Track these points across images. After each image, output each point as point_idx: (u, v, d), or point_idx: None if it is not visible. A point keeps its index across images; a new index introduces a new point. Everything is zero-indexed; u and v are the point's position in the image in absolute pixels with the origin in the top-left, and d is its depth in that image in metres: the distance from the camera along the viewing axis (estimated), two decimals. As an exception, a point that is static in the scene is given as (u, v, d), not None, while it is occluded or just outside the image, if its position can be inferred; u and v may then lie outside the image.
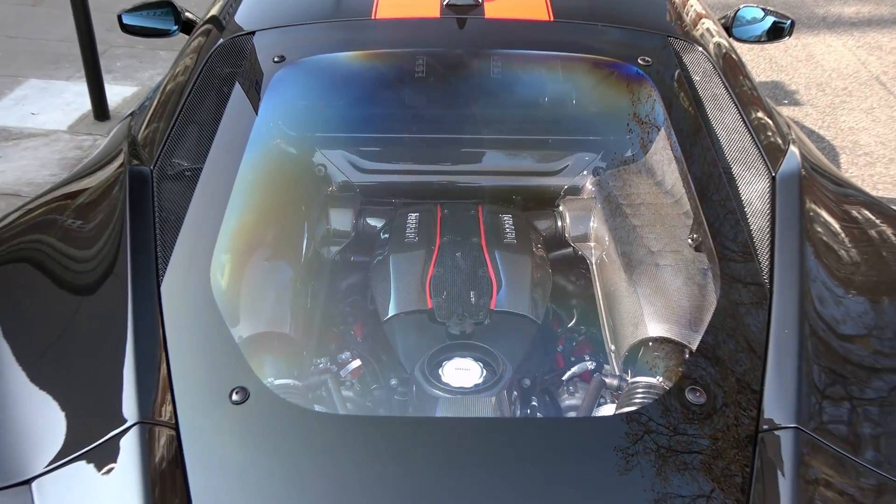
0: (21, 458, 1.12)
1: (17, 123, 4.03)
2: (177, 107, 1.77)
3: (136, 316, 1.27)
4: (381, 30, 1.94)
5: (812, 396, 1.18)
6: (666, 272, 1.59)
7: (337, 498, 1.06)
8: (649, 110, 1.91)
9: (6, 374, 1.23)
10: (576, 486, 1.09)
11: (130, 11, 2.73)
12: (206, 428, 1.15)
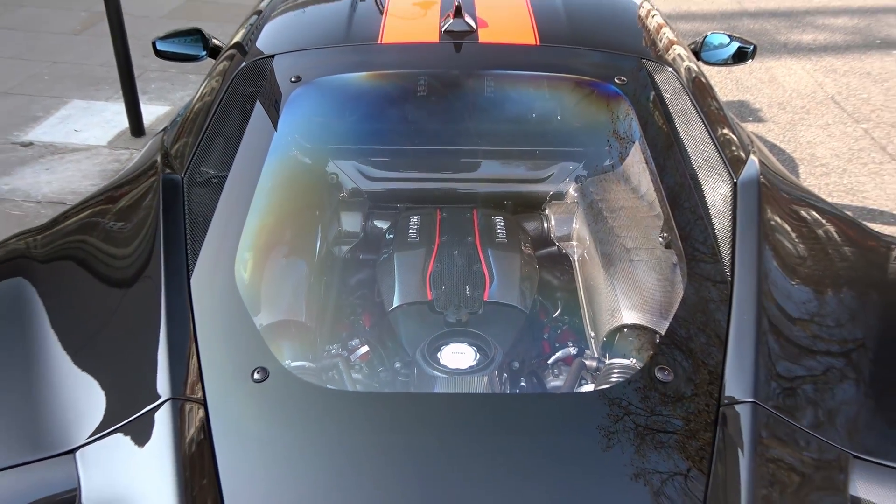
0: (66, 431, 1.13)
1: (62, 139, 4.02)
2: (205, 121, 1.76)
3: (168, 305, 1.28)
4: (387, 53, 1.92)
5: (768, 375, 1.19)
6: (639, 267, 1.59)
7: (347, 463, 1.07)
8: (625, 124, 1.90)
9: (54, 356, 1.24)
10: (556, 452, 1.09)
11: (163, 38, 2.73)
12: (231, 403, 1.16)
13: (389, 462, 1.08)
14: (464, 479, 1.05)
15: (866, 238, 1.61)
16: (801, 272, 1.43)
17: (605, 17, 2.09)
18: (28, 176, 3.66)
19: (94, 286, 1.41)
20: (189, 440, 1.09)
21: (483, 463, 1.08)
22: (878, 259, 1.51)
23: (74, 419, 1.14)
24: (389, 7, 2.09)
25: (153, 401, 1.13)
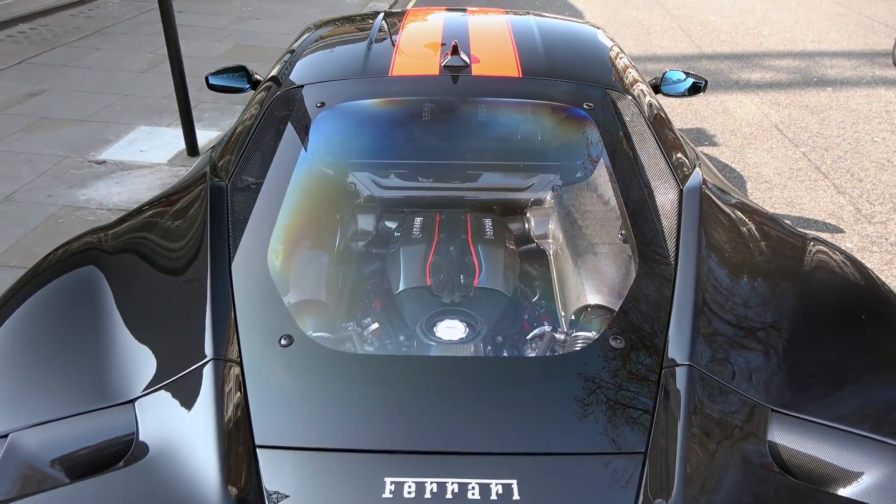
0: (127, 384, 1.16)
1: (130, 158, 4.07)
2: (246, 139, 1.79)
3: (213, 285, 1.32)
4: (396, 84, 1.94)
5: (702, 343, 1.21)
6: (601, 259, 1.62)
7: (357, 408, 1.11)
8: (592, 143, 1.93)
9: (119, 325, 1.27)
10: (526, 400, 1.12)
11: (215, 74, 2.78)
12: (261, 363, 1.19)
13: (393, 406, 1.11)
14: (452, 416, 1.09)
15: (786, 234, 1.63)
16: (733, 261, 1.45)
17: (575, 55, 2.11)
18: (101, 188, 3.71)
19: (152, 270, 1.44)
20: (227, 392, 1.12)
21: (468, 406, 1.11)
22: (794, 250, 1.54)
23: (134, 375, 1.17)
24: (398, 47, 2.13)
25: (199, 360, 1.17)
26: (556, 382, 1.15)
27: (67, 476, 1.05)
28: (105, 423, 1.10)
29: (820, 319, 1.31)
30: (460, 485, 1.00)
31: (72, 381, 1.16)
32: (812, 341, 1.26)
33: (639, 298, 1.33)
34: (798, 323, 1.29)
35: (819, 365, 1.21)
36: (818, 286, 1.40)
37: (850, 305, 1.35)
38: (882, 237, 3.51)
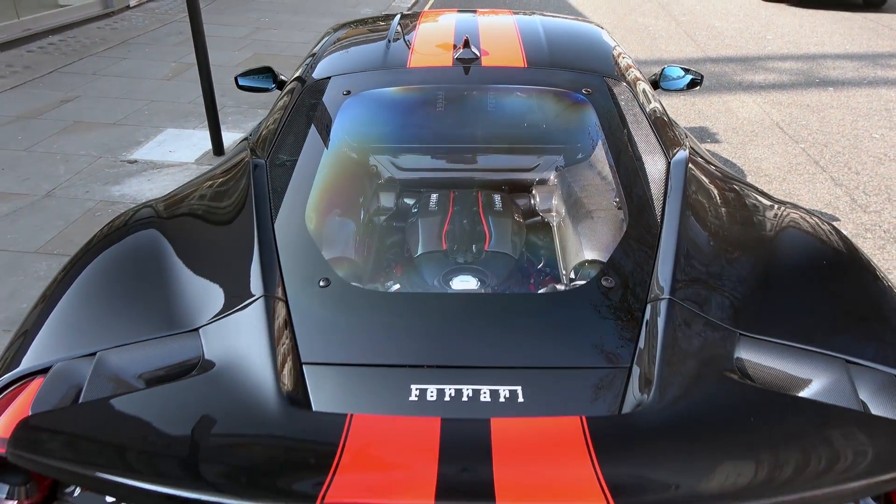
0: (193, 316, 1.37)
1: (160, 158, 4.34)
2: (280, 123, 2.02)
3: (260, 239, 1.52)
4: (413, 75, 2.13)
5: (682, 282, 1.40)
6: (598, 223, 1.82)
7: (384, 333, 1.32)
8: (591, 124, 2.13)
9: (182, 269, 1.48)
10: (531, 326, 1.32)
11: (243, 75, 3.01)
12: (303, 299, 1.40)
13: (418, 330, 1.32)
14: (467, 338, 1.29)
15: (762, 197, 1.83)
16: (710, 217, 1.64)
17: (575, 47, 2.32)
18: (134, 185, 3.97)
19: (205, 229, 1.65)
20: (276, 322, 1.33)
21: (480, 329, 1.31)
22: (766, 209, 1.73)
23: (198, 309, 1.38)
24: (415, 42, 2.35)
25: (252, 297, 1.38)
26: (555, 311, 1.36)
27: (146, 386, 1.26)
28: (175, 346, 1.32)
29: (782, 262, 1.50)
30: (474, 390, 1.21)
31: (147, 314, 1.38)
32: (774, 279, 1.45)
33: (628, 249, 1.53)
34: (763, 265, 1.49)
35: (778, 297, 1.40)
36: (784, 236, 1.60)
37: (811, 252, 1.54)
38: (876, 224, 3.68)
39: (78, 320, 1.37)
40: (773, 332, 1.31)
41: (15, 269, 3.14)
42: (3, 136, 4.56)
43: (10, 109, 5.01)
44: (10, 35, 6.39)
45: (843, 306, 1.39)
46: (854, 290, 1.45)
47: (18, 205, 3.70)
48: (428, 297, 1.43)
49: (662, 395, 1.17)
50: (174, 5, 8.55)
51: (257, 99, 5.33)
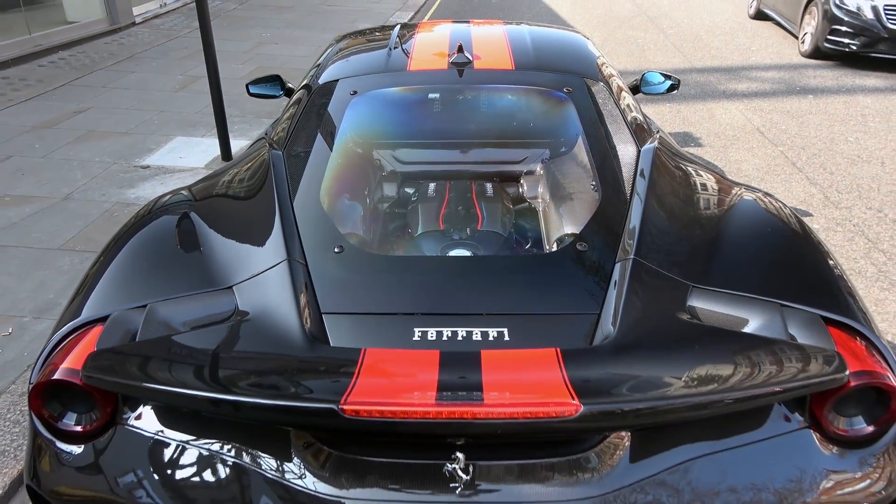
0: (228, 276, 1.60)
1: (171, 163, 4.58)
2: (294, 120, 2.28)
3: (281, 214, 1.76)
4: (413, 76, 2.37)
5: (645, 245, 1.63)
6: (576, 203, 2.06)
7: (394, 289, 1.55)
8: (572, 119, 2.36)
9: (216, 238, 1.72)
10: (516, 281, 1.57)
11: (254, 83, 3.26)
12: (321, 262, 1.63)
13: (419, 284, 1.56)
14: (461, 290, 1.54)
15: (721, 179, 2.08)
16: (672, 194, 1.88)
17: (558, 52, 2.58)
18: (148, 188, 4.21)
19: (236, 206, 1.89)
20: (298, 280, 1.57)
21: (472, 283, 1.56)
22: (722, 187, 1.99)
23: (233, 270, 1.62)
24: (414, 49, 2.61)
25: (277, 261, 1.62)
26: (537, 269, 1.60)
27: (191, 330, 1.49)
28: (213, 301, 1.55)
29: (731, 229, 1.75)
30: (467, 331, 1.45)
31: (188, 275, 1.61)
32: (723, 242, 1.69)
33: (600, 220, 1.77)
34: (714, 231, 1.74)
35: (726, 257, 1.64)
36: (735, 208, 1.84)
37: (756, 221, 1.79)
38: (846, 219, 3.94)
39: (129, 279, 1.60)
40: (720, 283, 1.55)
41: (41, 264, 3.37)
42: (22, 144, 4.82)
43: (27, 120, 5.27)
44: (22, 50, 6.67)
45: (780, 262, 1.64)
46: (790, 250, 1.69)
47: (40, 206, 3.94)
48: (428, 259, 1.67)
49: (624, 331, 1.41)
50: (178, 21, 8.86)
51: (262, 109, 5.60)
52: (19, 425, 2.40)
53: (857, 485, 1.34)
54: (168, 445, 1.36)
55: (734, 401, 1.19)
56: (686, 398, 1.17)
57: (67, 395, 1.40)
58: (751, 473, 1.31)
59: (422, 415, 1.13)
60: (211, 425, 1.37)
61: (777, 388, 1.20)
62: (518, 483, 1.24)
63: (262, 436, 1.33)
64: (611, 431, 1.28)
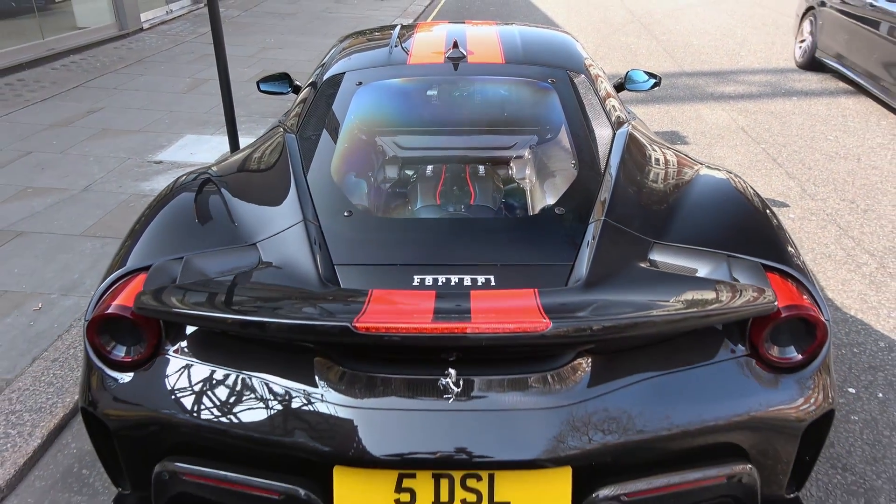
0: (251, 234, 1.84)
1: (183, 159, 4.84)
2: (306, 107, 2.54)
3: (296, 184, 2.01)
4: (412, 69, 2.64)
5: (614, 209, 1.87)
6: (558, 179, 2.32)
7: (396, 244, 1.81)
8: (556, 108, 2.61)
9: (242, 203, 1.98)
10: (501, 238, 1.82)
11: (264, 80, 3.53)
12: (334, 223, 1.87)
13: (418, 239, 1.81)
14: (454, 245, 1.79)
15: (684, 158, 2.33)
16: (639, 169, 2.13)
17: (544, 48, 2.85)
18: (162, 181, 4.47)
19: (256, 178, 2.15)
20: (313, 238, 1.82)
21: (463, 239, 1.81)
22: (686, 164, 2.25)
23: (256, 230, 1.86)
24: (413, 45, 2.87)
25: (294, 222, 1.87)
26: (521, 228, 1.86)
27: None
28: (240, 255, 1.80)
29: (690, 196, 2.00)
30: (459, 278, 1.70)
31: (218, 233, 1.86)
32: (682, 207, 1.95)
33: (577, 189, 2.03)
34: (676, 198, 1.99)
35: (684, 218, 1.89)
36: (696, 180, 2.10)
37: (713, 190, 2.04)
38: (821, 210, 4.20)
39: (166, 236, 1.86)
40: (677, 239, 1.81)
41: (64, 248, 3.63)
42: (40, 141, 5.08)
43: (44, 119, 5.53)
44: (36, 54, 6.95)
45: (730, 223, 1.89)
46: (740, 213, 1.95)
47: (61, 197, 4.20)
48: (426, 220, 1.93)
49: (593, 276, 1.66)
50: (184, 28, 9.16)
51: (267, 109, 5.87)
52: (53, 386, 2.64)
53: (790, 403, 1.59)
54: (204, 371, 1.60)
55: (680, 320, 1.44)
56: (640, 318, 1.42)
57: (118, 330, 1.64)
58: (697, 394, 1.56)
59: (421, 330, 1.38)
60: (242, 354, 1.61)
61: (717, 313, 1.45)
62: (499, 393, 1.49)
63: (287, 361, 1.57)
64: (576, 347, 1.53)
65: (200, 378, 1.60)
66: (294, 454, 1.51)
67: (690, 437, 1.54)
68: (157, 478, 1.61)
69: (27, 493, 2.24)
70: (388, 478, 1.49)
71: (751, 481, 1.59)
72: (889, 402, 2.59)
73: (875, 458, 2.33)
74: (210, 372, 1.60)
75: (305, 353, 1.57)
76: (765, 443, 1.59)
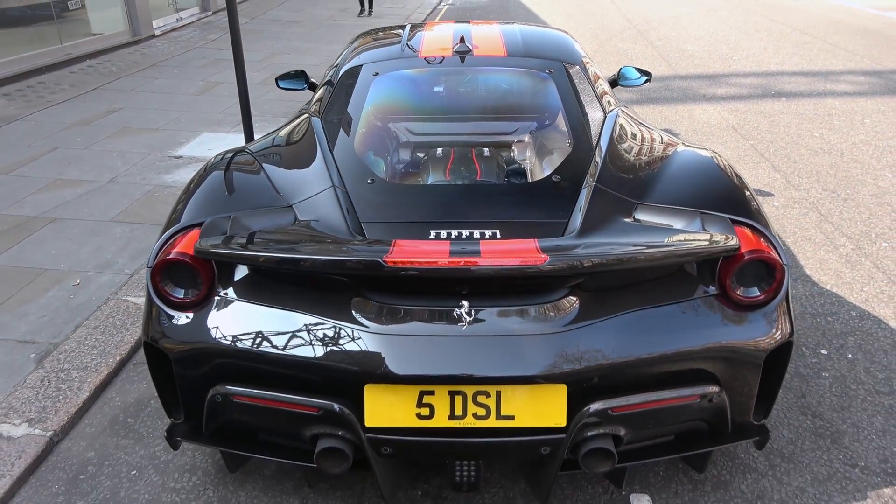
0: (288, 197, 2.12)
1: (201, 154, 5.13)
2: (329, 94, 2.83)
3: (324, 157, 2.30)
4: (423, 62, 2.94)
5: (603, 177, 2.16)
6: (555, 156, 2.61)
7: (412, 207, 2.09)
8: (553, 96, 2.91)
9: (279, 170, 2.27)
10: (505, 200, 2.11)
11: (282, 77, 3.84)
12: (359, 189, 2.15)
13: (434, 203, 2.09)
14: (463, 205, 2.07)
15: (667, 137, 2.62)
16: (627, 145, 2.41)
17: (542, 42, 3.15)
18: (183, 174, 4.76)
19: (289, 152, 2.45)
20: (342, 200, 2.10)
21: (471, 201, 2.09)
22: (668, 142, 2.54)
23: (291, 194, 2.14)
24: (424, 40, 3.17)
25: (325, 188, 2.16)
26: (524, 193, 2.15)
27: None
28: (279, 214, 2.07)
29: (671, 166, 2.29)
30: (469, 232, 1.98)
31: (260, 196, 2.15)
32: (663, 174, 2.24)
33: (572, 161, 2.32)
34: (658, 167, 2.28)
35: (665, 184, 2.18)
36: (676, 153, 2.39)
37: (691, 161, 2.33)
38: (803, 199, 4.49)
39: (214, 198, 2.14)
40: (658, 200, 2.09)
41: (96, 233, 3.91)
42: (65, 138, 5.38)
43: (67, 118, 5.84)
44: (55, 58, 7.28)
45: (706, 187, 2.18)
46: (714, 179, 2.24)
47: (89, 188, 4.49)
48: (441, 186, 2.22)
49: (585, 229, 1.95)
50: (194, 34, 9.50)
51: (277, 109, 6.18)
52: (95, 349, 2.92)
53: (753, 335, 1.86)
54: (252, 309, 1.88)
55: (659, 257, 1.73)
56: (624, 254, 1.71)
57: (177, 275, 1.92)
58: (672, 325, 1.84)
59: (439, 264, 1.67)
60: (285, 294, 1.89)
61: (689, 252, 1.74)
62: (504, 322, 1.77)
63: (325, 298, 1.86)
64: (569, 281, 1.81)
65: (249, 315, 1.88)
66: (330, 376, 1.79)
67: (667, 362, 1.82)
68: (210, 401, 1.89)
69: (79, 437, 2.51)
70: (410, 394, 1.77)
71: (720, 402, 1.86)
72: (857, 361, 2.87)
73: (842, 406, 2.61)
74: (258, 310, 1.88)
75: (343, 293, 1.85)
76: (731, 369, 1.87)
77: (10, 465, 2.32)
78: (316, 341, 1.81)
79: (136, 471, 2.34)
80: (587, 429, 1.80)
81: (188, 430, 2.05)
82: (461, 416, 1.78)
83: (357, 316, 1.81)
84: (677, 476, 2.28)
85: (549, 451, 1.81)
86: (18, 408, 2.58)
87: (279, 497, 2.22)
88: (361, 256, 1.71)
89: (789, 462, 2.34)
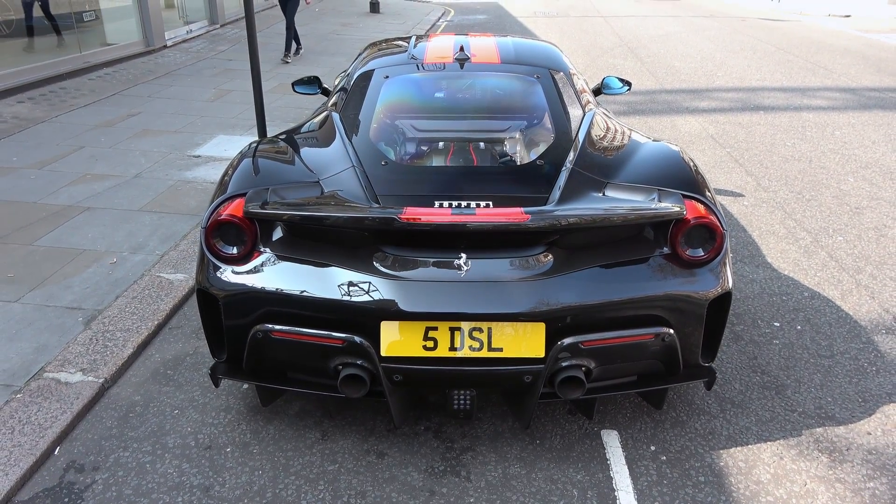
0: (316, 174, 2.55)
1: (217, 154, 5.56)
2: (346, 94, 3.28)
3: (344, 142, 2.75)
4: (428, 67, 3.41)
5: (579, 162, 2.61)
6: (540, 147, 3.05)
7: (419, 183, 2.53)
8: (540, 98, 3.36)
9: (308, 150, 2.70)
10: (494, 178, 2.55)
11: (297, 83, 4.29)
12: (375, 169, 2.58)
13: (436, 180, 2.52)
14: (460, 180, 2.51)
15: (638, 134, 3.08)
16: (601, 136, 2.87)
17: (532, 52, 3.62)
18: (201, 171, 5.19)
19: (314, 139, 2.89)
20: (360, 177, 2.53)
21: (467, 177, 2.53)
22: (639, 137, 2.99)
23: (319, 171, 2.56)
24: (428, 49, 3.63)
25: (346, 167, 2.59)
26: (512, 173, 2.58)
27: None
28: (309, 187, 2.50)
29: (639, 154, 2.73)
30: (467, 203, 2.41)
31: (292, 173, 2.58)
32: (631, 160, 2.68)
33: (554, 148, 2.76)
34: (627, 155, 2.72)
35: (632, 168, 2.62)
36: (645, 145, 2.84)
37: (657, 152, 2.78)
38: (771, 199, 4.95)
39: (255, 173, 2.58)
40: (625, 180, 2.53)
41: (127, 219, 4.33)
42: (90, 138, 5.81)
43: (90, 120, 6.27)
44: (74, 66, 7.73)
45: (665, 170, 2.62)
46: (673, 165, 2.68)
47: (116, 182, 4.92)
48: (443, 167, 2.66)
49: (562, 200, 2.39)
50: (204, 45, 9.98)
51: (287, 115, 6.63)
52: (135, 315, 3.33)
53: (698, 286, 2.30)
54: (289, 263, 2.31)
55: (619, 216, 2.17)
56: (592, 214, 2.15)
57: (225, 234, 2.35)
58: (631, 278, 2.27)
59: (444, 220, 2.10)
60: (316, 250, 2.32)
61: (645, 214, 2.18)
62: (494, 269, 2.20)
63: (350, 253, 2.28)
64: (548, 237, 2.24)
65: (286, 267, 2.31)
66: (352, 314, 2.21)
67: (627, 307, 2.24)
68: (252, 338, 2.31)
69: (126, 385, 2.92)
70: (418, 329, 2.20)
71: (672, 342, 2.29)
72: (804, 332, 3.31)
73: (787, 366, 3.04)
74: (293, 263, 2.31)
75: (364, 248, 2.28)
76: (681, 315, 2.30)
77: (70, 404, 2.72)
78: (341, 287, 2.23)
79: (178, 410, 2.74)
80: (562, 360, 2.22)
81: (229, 369, 2.46)
82: (459, 347, 2.20)
83: (376, 265, 2.23)
84: (641, 417, 2.70)
85: (531, 379, 2.24)
86: (72, 360, 2.98)
87: (302, 430, 2.63)
88: (381, 215, 2.15)
89: (738, 407, 2.76)
